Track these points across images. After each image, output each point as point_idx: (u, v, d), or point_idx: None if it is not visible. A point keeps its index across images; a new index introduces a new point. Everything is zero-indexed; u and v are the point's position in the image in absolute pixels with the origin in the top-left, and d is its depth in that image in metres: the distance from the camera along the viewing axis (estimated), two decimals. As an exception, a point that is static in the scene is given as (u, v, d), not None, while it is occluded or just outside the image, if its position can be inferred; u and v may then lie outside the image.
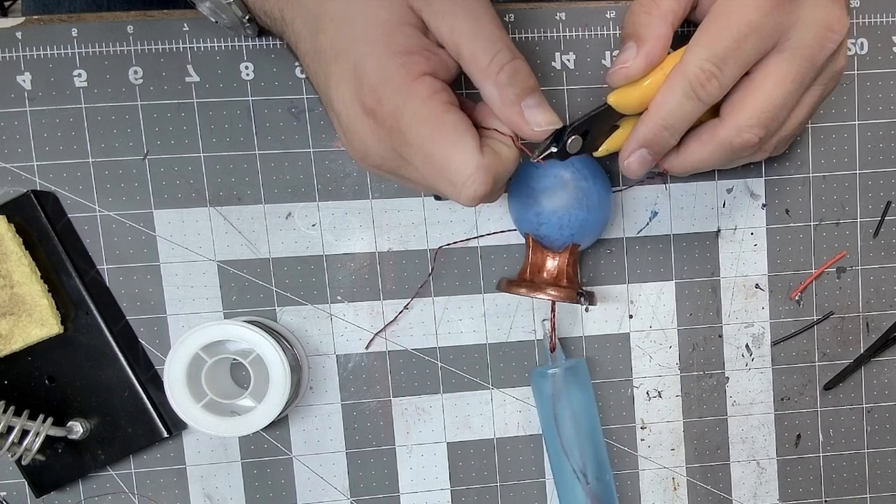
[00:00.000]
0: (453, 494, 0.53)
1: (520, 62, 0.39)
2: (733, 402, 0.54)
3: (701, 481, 0.54)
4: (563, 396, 0.49)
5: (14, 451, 0.46)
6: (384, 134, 0.39)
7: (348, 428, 0.52)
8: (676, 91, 0.40)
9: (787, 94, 0.40)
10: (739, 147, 0.41)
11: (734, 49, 0.39)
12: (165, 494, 0.51)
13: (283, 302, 0.51)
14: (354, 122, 0.39)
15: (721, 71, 0.39)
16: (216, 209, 0.50)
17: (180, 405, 0.46)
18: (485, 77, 0.39)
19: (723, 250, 0.53)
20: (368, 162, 0.41)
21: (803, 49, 0.40)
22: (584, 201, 0.46)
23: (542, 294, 0.47)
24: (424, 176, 0.39)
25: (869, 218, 0.53)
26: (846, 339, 0.54)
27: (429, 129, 0.38)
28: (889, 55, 0.52)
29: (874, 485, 0.55)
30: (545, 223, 0.47)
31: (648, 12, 0.40)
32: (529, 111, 0.39)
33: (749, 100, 0.40)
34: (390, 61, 0.38)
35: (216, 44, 0.49)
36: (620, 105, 0.41)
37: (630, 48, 0.40)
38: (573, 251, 0.48)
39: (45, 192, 0.48)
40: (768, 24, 0.39)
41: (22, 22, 0.48)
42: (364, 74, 0.38)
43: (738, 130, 0.41)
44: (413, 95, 0.38)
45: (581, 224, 0.47)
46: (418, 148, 0.38)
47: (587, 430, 0.50)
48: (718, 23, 0.39)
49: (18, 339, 0.47)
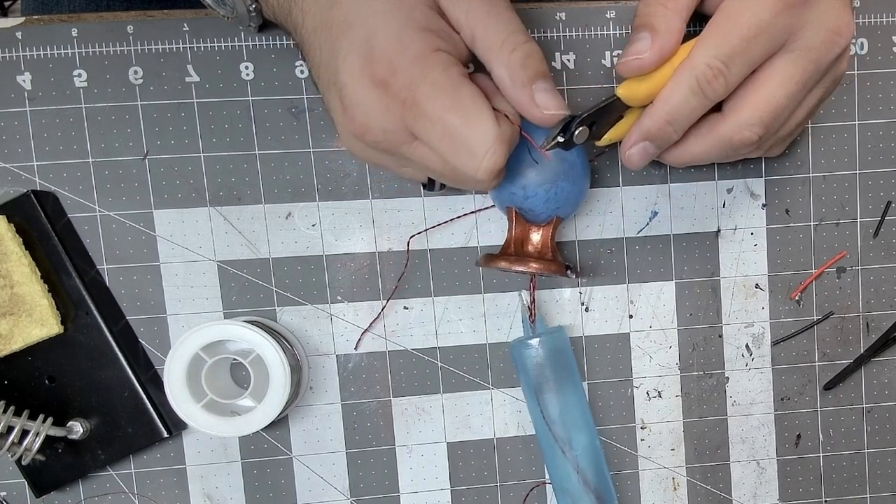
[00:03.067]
0: (453, 494, 0.53)
1: (533, 46, 0.39)
2: (733, 402, 0.54)
3: (701, 481, 0.54)
4: (546, 366, 0.49)
5: (14, 451, 0.46)
6: (395, 106, 0.38)
7: (348, 428, 0.52)
8: (683, 86, 0.39)
9: (790, 95, 0.40)
10: (739, 144, 0.41)
11: (743, 48, 0.39)
12: (165, 494, 0.51)
13: (283, 302, 0.51)
14: (361, 94, 0.39)
15: (728, 69, 0.39)
16: (216, 209, 0.50)
17: (180, 405, 0.46)
18: (497, 57, 0.39)
19: (723, 250, 0.53)
20: (368, 138, 0.40)
21: (810, 52, 0.40)
22: (570, 173, 0.46)
23: (529, 267, 0.46)
24: (440, 151, 0.39)
25: (869, 218, 0.53)
26: (846, 339, 0.54)
27: (449, 99, 0.38)
28: (889, 55, 0.52)
29: (874, 485, 0.55)
30: (532, 196, 0.46)
31: (664, 4, 0.40)
32: (540, 95, 0.39)
33: (752, 98, 0.40)
34: (408, 34, 0.38)
35: (216, 44, 0.49)
36: (629, 97, 0.41)
37: (643, 39, 0.40)
38: (556, 224, 0.47)
39: (45, 192, 0.48)
40: (778, 25, 0.39)
41: (22, 22, 0.48)
42: (378, 46, 0.38)
43: (738, 128, 0.41)
44: (431, 66, 0.38)
45: (567, 196, 0.46)
46: (438, 119, 0.38)
47: (572, 398, 0.50)
48: (728, 20, 0.39)
49: (18, 339, 0.47)
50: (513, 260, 0.46)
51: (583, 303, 0.52)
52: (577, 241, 0.52)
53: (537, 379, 0.49)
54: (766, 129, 0.41)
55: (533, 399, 0.50)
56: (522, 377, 0.51)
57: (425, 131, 0.38)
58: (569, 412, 0.50)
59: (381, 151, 0.41)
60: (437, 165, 0.40)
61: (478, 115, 0.38)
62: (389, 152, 0.41)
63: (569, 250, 0.52)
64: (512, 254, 0.47)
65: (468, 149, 0.38)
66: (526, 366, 0.50)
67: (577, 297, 0.52)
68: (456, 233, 0.51)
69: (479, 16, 0.39)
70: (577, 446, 0.50)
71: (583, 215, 0.52)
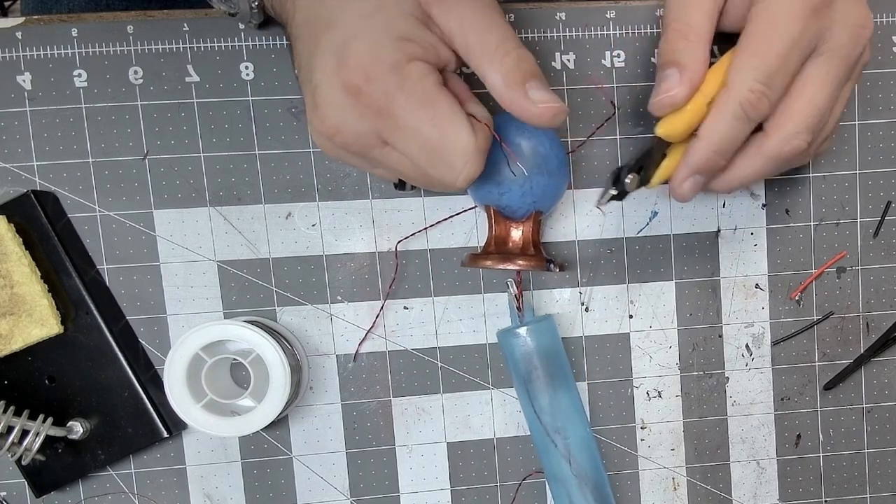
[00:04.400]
0: (453, 494, 0.53)
1: (526, 52, 0.39)
2: (733, 402, 0.54)
3: (701, 481, 0.54)
4: (533, 355, 0.49)
5: (14, 451, 0.46)
6: (368, 112, 0.38)
7: (348, 428, 0.52)
8: (727, 115, 0.39)
9: (828, 95, 0.40)
10: (790, 156, 0.41)
11: (780, 65, 0.39)
12: (165, 494, 0.51)
13: (283, 302, 0.51)
14: (332, 96, 0.39)
15: (770, 89, 0.39)
16: (216, 209, 0.50)
17: (180, 405, 0.46)
18: (491, 63, 0.39)
19: (723, 250, 0.53)
20: (338, 139, 0.40)
21: (840, 49, 0.40)
22: (543, 167, 0.46)
23: (511, 264, 0.46)
24: (415, 160, 0.39)
25: (869, 218, 0.53)
26: (846, 339, 0.54)
27: (426, 111, 0.38)
28: (889, 55, 0.52)
29: (874, 485, 0.55)
30: (507, 192, 0.46)
31: (686, 37, 0.40)
32: (534, 92, 0.39)
33: (793, 107, 0.40)
34: (385, 42, 0.38)
35: (216, 44, 0.49)
36: (669, 135, 0.41)
37: (672, 76, 0.40)
38: (536, 218, 0.47)
39: (45, 192, 0.48)
40: (809, 33, 0.39)
41: (22, 22, 0.48)
42: (354, 50, 0.38)
43: (786, 139, 0.41)
44: (407, 76, 0.38)
45: (543, 190, 0.46)
46: (415, 131, 0.38)
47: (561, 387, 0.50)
48: (760, 40, 0.39)
49: (18, 339, 0.47)
50: (494, 258, 0.46)
51: (583, 303, 0.52)
52: (577, 241, 0.52)
53: (526, 368, 0.49)
54: (812, 134, 0.41)
55: (522, 388, 0.50)
56: (511, 366, 0.50)
57: (401, 141, 0.39)
58: (558, 401, 0.50)
59: (351, 153, 0.41)
60: (410, 171, 0.40)
61: (455, 127, 0.38)
62: (360, 155, 0.41)
63: (569, 250, 0.52)
64: (493, 252, 0.47)
65: (446, 161, 0.38)
66: (514, 355, 0.50)
67: (577, 297, 0.52)
68: (456, 232, 0.51)
69: (473, 25, 0.39)
70: (568, 435, 0.50)
71: (582, 215, 0.52)
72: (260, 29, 0.49)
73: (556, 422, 0.50)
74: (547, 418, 0.50)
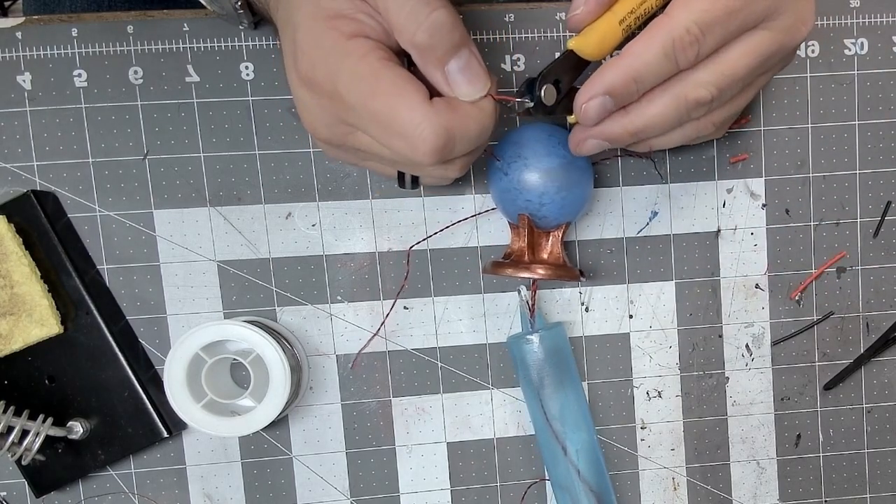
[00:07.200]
0: (453, 494, 0.53)
1: (440, 13, 0.35)
2: (733, 402, 0.54)
3: (701, 481, 0.54)
4: (545, 361, 0.49)
5: (14, 451, 0.46)
6: (325, 101, 0.38)
7: (348, 428, 0.52)
8: (656, 46, 0.38)
9: (750, 67, 0.40)
10: (693, 103, 0.40)
11: (724, 20, 0.38)
12: (165, 494, 0.51)
13: (283, 302, 0.51)
14: (298, 93, 0.38)
15: (704, 38, 0.38)
16: (216, 209, 0.50)
17: (180, 405, 0.46)
18: (403, 41, 0.36)
19: (723, 250, 0.53)
20: (318, 136, 0.40)
21: (780, 33, 0.40)
22: (580, 180, 0.46)
23: (549, 274, 0.46)
24: (376, 137, 0.38)
25: (869, 218, 0.53)
26: (846, 339, 0.54)
27: (367, 84, 0.36)
28: (889, 55, 0.52)
29: (874, 485, 0.55)
30: (548, 203, 0.46)
31: None
32: (453, 78, 0.37)
33: (714, 60, 0.39)
34: (319, 25, 0.37)
35: (216, 44, 0.49)
36: (581, 49, 0.40)
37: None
38: (566, 229, 0.48)
39: (45, 192, 0.48)
40: (762, 3, 0.38)
41: (22, 22, 0.48)
42: (299, 42, 0.37)
43: (694, 85, 0.40)
44: (346, 55, 0.36)
45: (579, 202, 0.47)
46: (361, 107, 0.36)
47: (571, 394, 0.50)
48: None
49: (18, 339, 0.47)
50: (530, 268, 0.47)
51: (583, 303, 0.52)
52: (577, 241, 0.52)
53: (537, 375, 0.49)
54: (720, 92, 0.40)
55: (532, 395, 0.50)
56: (521, 373, 0.51)
57: (357, 121, 0.38)
58: (568, 408, 0.50)
59: (334, 147, 0.41)
60: (383, 152, 0.39)
61: (400, 95, 0.36)
62: (341, 147, 0.40)
63: (569, 250, 0.52)
64: (527, 262, 0.47)
65: (398, 132, 0.36)
66: (525, 361, 0.50)
67: (578, 297, 0.52)
68: (456, 233, 0.51)
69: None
70: (575, 443, 0.50)
71: (583, 215, 0.52)
72: (259, 29, 0.49)
73: (566, 429, 0.50)
74: (558, 425, 0.50)
